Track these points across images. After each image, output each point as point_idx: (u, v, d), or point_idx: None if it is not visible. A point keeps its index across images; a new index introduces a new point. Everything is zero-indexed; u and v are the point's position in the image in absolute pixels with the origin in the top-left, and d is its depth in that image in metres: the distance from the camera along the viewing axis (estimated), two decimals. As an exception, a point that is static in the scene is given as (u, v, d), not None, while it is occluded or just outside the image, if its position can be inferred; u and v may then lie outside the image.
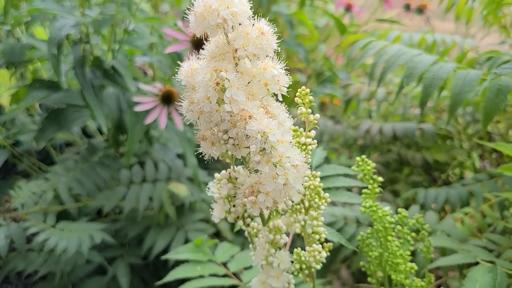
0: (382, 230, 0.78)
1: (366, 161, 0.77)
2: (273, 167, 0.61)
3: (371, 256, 0.81)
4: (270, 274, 0.71)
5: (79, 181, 1.58)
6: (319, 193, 0.66)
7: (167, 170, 1.64)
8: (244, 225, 0.70)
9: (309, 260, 0.69)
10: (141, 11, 1.54)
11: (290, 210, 0.68)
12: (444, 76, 1.01)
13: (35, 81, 1.56)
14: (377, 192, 0.79)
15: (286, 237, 0.71)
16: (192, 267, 1.06)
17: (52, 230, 1.49)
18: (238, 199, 0.69)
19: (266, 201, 0.63)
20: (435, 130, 1.48)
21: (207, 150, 0.66)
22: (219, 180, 0.70)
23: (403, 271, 0.77)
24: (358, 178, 0.79)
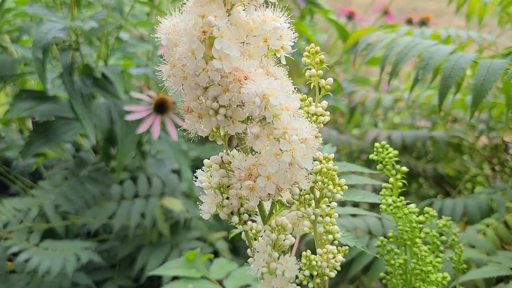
0: (409, 231, 0.63)
1: (387, 147, 0.63)
2: (276, 143, 0.47)
3: (394, 264, 0.65)
4: (272, 284, 0.55)
5: (67, 197, 1.43)
6: (334, 179, 0.51)
7: (161, 185, 1.49)
8: (240, 223, 0.55)
9: (321, 265, 0.53)
10: (133, 16, 1.42)
11: (298, 201, 0.52)
12: (464, 66, 0.87)
13: (22, 91, 1.42)
14: (400, 186, 0.63)
15: (292, 238, 0.56)
16: (183, 284, 0.90)
17: (35, 249, 1.33)
18: (233, 188, 0.54)
19: (267, 186, 0.48)
20: (447, 139, 1.33)
21: (193, 125, 0.51)
22: (209, 167, 0.55)
23: (434, 282, 0.61)
24: (378, 169, 0.64)
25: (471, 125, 1.46)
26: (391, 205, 0.62)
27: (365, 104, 1.39)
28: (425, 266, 0.61)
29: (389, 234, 0.67)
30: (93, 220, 1.41)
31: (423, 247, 0.63)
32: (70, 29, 1.33)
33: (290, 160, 0.46)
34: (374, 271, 0.97)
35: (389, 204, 0.63)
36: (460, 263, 0.70)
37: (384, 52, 0.96)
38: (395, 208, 0.62)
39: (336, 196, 0.51)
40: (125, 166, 1.57)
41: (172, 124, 1.38)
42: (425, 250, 0.63)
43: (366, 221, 1.02)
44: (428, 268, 0.61)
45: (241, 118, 0.50)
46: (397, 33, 1.01)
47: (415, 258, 0.63)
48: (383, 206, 0.64)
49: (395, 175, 0.62)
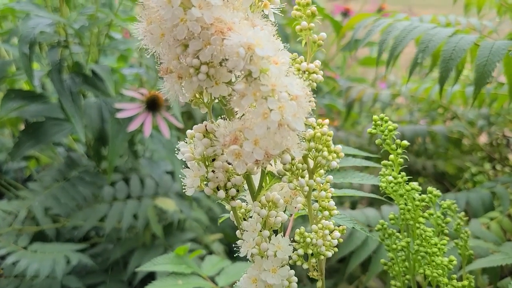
0: (411, 210, 0.57)
1: (386, 119, 0.57)
2: (263, 102, 0.41)
3: (396, 249, 0.60)
4: (264, 267, 0.50)
5: (57, 198, 1.37)
6: (329, 145, 0.45)
7: (154, 185, 1.43)
8: (227, 199, 0.49)
9: (317, 243, 0.48)
10: (123, 12, 1.37)
11: (289, 171, 0.47)
12: (466, 47, 0.83)
13: (10, 91, 1.37)
14: (401, 163, 0.58)
15: (285, 215, 0.50)
16: (173, 280, 0.84)
17: (24, 252, 1.27)
18: (218, 160, 0.48)
19: (255, 152, 0.42)
20: (447, 133, 1.28)
21: (173, 89, 0.46)
22: (192, 137, 0.49)
23: (440, 265, 0.56)
24: (377, 144, 0.58)
25: (471, 121, 1.41)
26: (392, 182, 0.57)
27: (362, 99, 1.33)
28: (430, 248, 0.56)
29: (390, 215, 0.61)
30: (84, 223, 1.35)
31: (427, 228, 0.57)
32: (58, 25, 1.29)
33: (279, 119, 0.40)
34: (374, 266, 0.91)
35: (389, 181, 0.57)
36: (466, 249, 0.64)
37: (382, 37, 0.91)
38: (396, 184, 0.56)
39: (332, 163, 0.45)
40: (118, 168, 1.52)
41: (164, 122, 1.32)
42: (429, 231, 0.57)
43: (365, 213, 0.96)
44: (433, 250, 0.55)
45: (226, 79, 0.44)
46: (395, 19, 0.97)
47: (419, 240, 0.57)
48: (383, 184, 0.58)
49: (395, 150, 0.57)
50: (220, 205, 1.62)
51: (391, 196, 0.60)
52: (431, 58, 0.96)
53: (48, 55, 1.32)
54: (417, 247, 0.57)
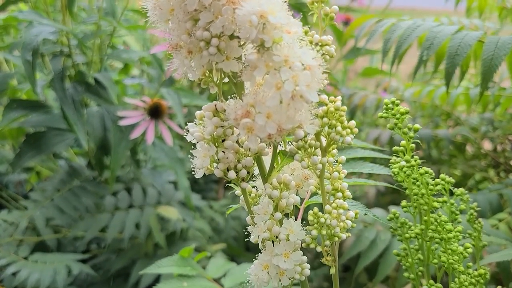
0: (425, 195, 0.56)
1: (397, 103, 0.56)
2: (276, 73, 0.40)
3: (409, 237, 0.58)
4: (276, 251, 0.48)
5: (59, 208, 1.35)
6: (342, 120, 0.44)
7: (157, 194, 1.41)
8: (238, 180, 0.48)
9: (331, 223, 0.46)
10: (126, 21, 1.37)
11: (302, 149, 0.45)
12: (471, 43, 0.82)
13: (12, 101, 1.36)
14: (413, 148, 0.57)
15: (297, 197, 0.49)
16: (178, 283, 0.82)
17: (24, 262, 1.24)
18: (229, 139, 0.47)
19: (268, 125, 0.41)
20: (451, 138, 1.27)
21: (182, 64, 0.45)
22: (201, 118, 0.48)
23: (456, 252, 0.54)
24: (389, 128, 0.57)
25: (474, 127, 1.40)
26: (404, 167, 0.55)
27: (365, 105, 1.33)
28: (445, 233, 0.54)
29: (403, 203, 0.60)
30: (86, 233, 1.33)
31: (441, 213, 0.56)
32: (61, 33, 1.29)
33: (293, 89, 0.39)
34: (382, 267, 0.89)
35: (401, 166, 0.56)
36: (480, 240, 0.62)
37: (386, 36, 0.91)
38: (409, 168, 0.55)
39: (346, 139, 0.44)
40: (120, 178, 1.50)
41: (167, 129, 1.31)
42: (444, 216, 0.55)
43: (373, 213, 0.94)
44: (449, 235, 0.54)
45: (236, 54, 0.43)
46: (399, 18, 0.96)
47: (434, 225, 0.55)
48: (395, 170, 0.57)
49: (407, 135, 0.56)
50: (222, 215, 1.60)
51: (402, 184, 0.59)
52: (435, 58, 0.96)
53: (51, 64, 1.31)
54: (432, 233, 0.55)
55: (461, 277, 0.54)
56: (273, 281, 0.49)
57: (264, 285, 0.50)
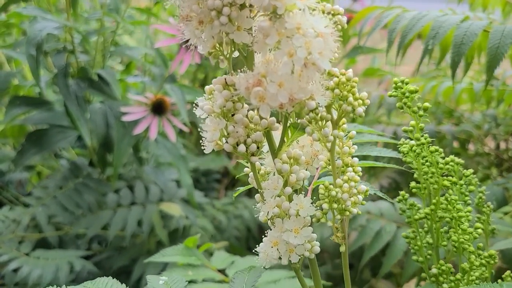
0: (435, 174, 0.55)
1: (407, 81, 0.56)
2: (288, 41, 0.40)
3: (418, 218, 0.57)
4: (285, 227, 0.47)
5: (61, 205, 1.34)
6: (354, 91, 0.44)
7: (159, 192, 1.40)
8: (247, 155, 0.47)
9: (342, 197, 0.46)
10: (130, 17, 1.37)
11: (313, 120, 0.45)
12: (477, 31, 0.82)
13: (15, 98, 1.36)
14: (423, 127, 0.56)
15: (307, 172, 0.48)
16: (182, 271, 0.81)
17: (26, 258, 1.24)
18: (239, 113, 0.46)
19: (279, 94, 0.41)
20: (455, 134, 1.27)
21: (193, 35, 0.44)
22: (210, 92, 0.48)
23: (466, 231, 0.53)
24: (398, 107, 0.57)
25: (477, 125, 1.40)
26: (414, 146, 0.55)
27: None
28: (456, 212, 0.54)
29: (412, 184, 0.59)
30: (88, 230, 1.32)
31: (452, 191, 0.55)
32: (65, 29, 1.29)
33: (305, 56, 0.39)
34: (388, 258, 0.89)
35: (411, 145, 0.56)
36: (488, 223, 0.62)
37: (390, 26, 0.91)
38: (419, 146, 0.54)
39: (358, 110, 0.44)
40: (122, 175, 1.50)
41: (170, 126, 1.31)
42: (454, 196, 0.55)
43: (378, 205, 0.94)
44: (460, 214, 0.53)
45: (247, 24, 0.43)
46: (403, 9, 0.96)
47: (444, 204, 0.55)
48: (404, 150, 0.56)
49: (416, 113, 0.55)
50: (224, 213, 1.59)
51: (411, 166, 0.58)
52: (440, 49, 0.96)
53: (54, 60, 1.31)
54: (442, 212, 0.55)
55: (471, 257, 0.54)
56: (283, 258, 0.49)
57: (273, 262, 0.49)
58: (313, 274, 0.55)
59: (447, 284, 0.57)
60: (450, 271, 0.56)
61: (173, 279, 0.56)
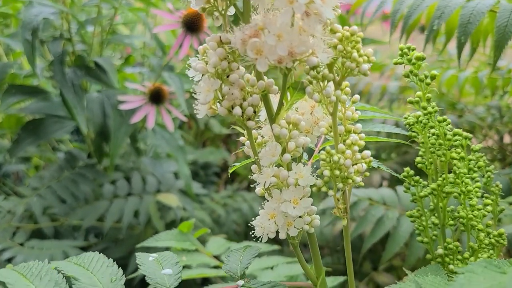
0: (443, 145, 0.51)
1: (413, 48, 0.52)
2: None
3: (424, 195, 0.54)
4: (284, 197, 0.44)
5: (56, 195, 1.31)
6: (359, 48, 0.40)
7: (157, 182, 1.37)
8: (243, 119, 0.44)
9: (345, 163, 0.42)
10: (129, 5, 1.34)
11: (315, 79, 0.41)
12: (484, 10, 0.79)
13: (11, 86, 1.33)
14: (430, 98, 0.53)
15: (308, 138, 0.45)
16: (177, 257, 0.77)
17: (20, 248, 1.20)
18: (234, 73, 0.43)
19: (278, 46, 0.38)
20: (459, 124, 1.24)
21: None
22: (204, 52, 0.44)
23: (475, 207, 0.50)
24: (404, 76, 0.53)
25: (481, 117, 1.36)
26: (420, 116, 0.52)
27: (370, 91, 1.29)
28: (464, 186, 0.50)
29: (417, 159, 0.56)
30: (83, 221, 1.28)
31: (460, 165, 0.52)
32: (62, 16, 1.26)
33: (307, 1, 0.36)
34: (390, 246, 0.85)
35: (417, 116, 0.52)
36: (497, 204, 0.58)
37: (395, 7, 0.87)
38: (427, 115, 0.51)
39: (363, 66, 0.40)
40: (120, 166, 1.46)
41: (168, 115, 1.28)
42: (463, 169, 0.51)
43: (380, 192, 0.90)
44: (469, 188, 0.50)
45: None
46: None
47: (452, 178, 0.51)
48: (410, 120, 0.53)
49: (424, 81, 0.52)
50: (223, 207, 1.55)
51: (417, 140, 0.55)
52: (445, 31, 0.92)
53: (50, 47, 1.28)
54: (450, 186, 0.51)
55: (480, 235, 0.50)
56: (281, 231, 0.46)
57: (270, 235, 0.46)
58: (313, 253, 0.51)
59: (454, 265, 0.53)
60: (457, 250, 0.52)
61: (164, 257, 0.52)
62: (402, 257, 1.23)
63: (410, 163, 0.64)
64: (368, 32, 1.76)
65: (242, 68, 0.44)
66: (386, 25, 1.97)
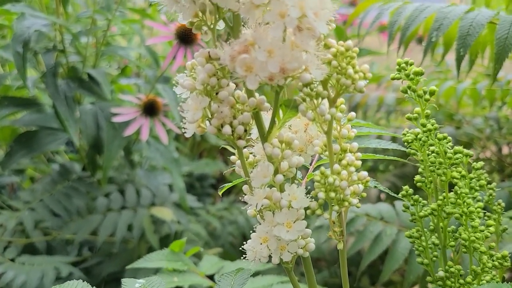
0: (443, 164, 0.49)
1: (411, 62, 0.50)
2: (279, 2, 0.34)
3: (424, 215, 0.51)
4: (277, 220, 0.41)
5: (49, 209, 1.28)
6: (354, 64, 0.38)
7: (151, 195, 1.34)
8: (233, 139, 0.41)
9: (341, 184, 0.40)
10: (122, 14, 1.32)
11: (308, 97, 0.39)
12: (484, 22, 0.77)
13: (3, 98, 1.30)
14: (429, 114, 0.50)
15: (301, 158, 0.42)
16: (168, 277, 0.75)
17: (11, 263, 1.17)
18: (223, 90, 0.41)
19: (269, 62, 0.35)
20: (457, 136, 1.21)
21: (172, 2, 0.39)
22: (192, 68, 0.42)
23: (477, 229, 0.47)
24: (401, 91, 0.51)
25: (479, 128, 1.34)
26: (419, 133, 0.49)
27: (367, 103, 1.27)
28: (466, 207, 0.48)
29: (417, 178, 0.53)
30: (76, 235, 1.25)
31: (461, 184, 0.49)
32: (55, 27, 1.24)
33: (299, 15, 0.33)
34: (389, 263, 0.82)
35: (416, 133, 0.50)
36: (499, 223, 0.56)
37: (392, 18, 0.85)
38: (426, 132, 0.48)
39: (359, 83, 0.38)
40: (114, 179, 1.44)
41: (162, 127, 1.25)
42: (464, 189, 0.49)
43: (378, 207, 0.88)
44: (471, 209, 0.47)
45: (232, -13, 0.37)
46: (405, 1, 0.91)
47: (453, 199, 0.49)
48: (409, 138, 0.50)
49: (423, 97, 0.49)
50: (219, 219, 1.52)
51: (416, 157, 0.52)
52: (443, 43, 0.91)
53: (43, 59, 1.26)
54: (451, 207, 0.49)
55: (483, 257, 0.48)
56: (273, 256, 0.43)
57: (262, 260, 0.43)
58: (308, 277, 0.48)
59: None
60: (459, 273, 0.50)
61: (151, 283, 0.50)
62: (401, 272, 1.20)
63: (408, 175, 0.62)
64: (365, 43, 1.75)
65: (232, 84, 0.42)
66: (384, 36, 1.95)
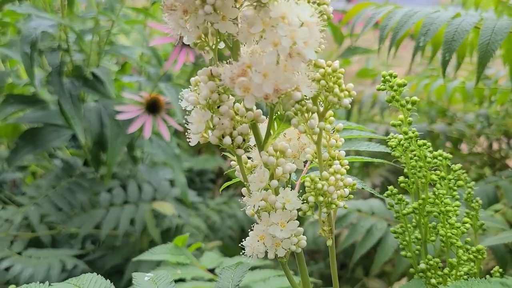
0: (423, 168, 0.54)
1: (395, 75, 0.55)
2: (273, 30, 0.39)
3: (407, 213, 0.57)
4: (272, 220, 0.47)
5: (53, 204, 1.33)
6: (340, 83, 0.43)
7: (152, 191, 1.39)
8: (233, 147, 0.47)
9: (328, 190, 0.45)
10: (125, 17, 1.37)
11: (299, 112, 0.44)
12: (468, 28, 0.82)
13: (9, 96, 1.35)
14: (411, 121, 0.56)
15: (293, 165, 0.47)
16: (172, 270, 0.80)
17: (18, 257, 1.22)
18: (224, 104, 0.46)
19: (264, 84, 0.40)
20: (447, 133, 1.26)
21: (177, 25, 0.44)
22: (196, 84, 0.47)
23: (454, 226, 0.53)
24: (386, 101, 0.56)
25: (470, 124, 1.40)
26: (402, 140, 0.54)
27: (361, 100, 1.32)
28: (444, 206, 0.53)
29: (400, 179, 0.58)
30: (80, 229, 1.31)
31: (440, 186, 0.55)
32: (59, 27, 1.28)
33: (290, 44, 0.38)
34: (379, 255, 0.88)
35: (399, 139, 0.55)
36: (477, 219, 0.61)
37: (383, 23, 0.90)
38: (407, 140, 0.54)
39: (344, 101, 0.43)
40: (115, 174, 1.49)
41: (164, 125, 1.30)
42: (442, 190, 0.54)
43: (369, 203, 0.93)
44: (448, 208, 0.53)
45: (232, 14, 0.42)
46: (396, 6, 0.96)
47: (431, 199, 0.54)
48: (392, 144, 0.55)
49: (404, 106, 0.55)
50: (219, 213, 1.58)
51: (399, 160, 0.58)
52: (431, 46, 0.96)
53: (48, 58, 1.30)
54: (430, 206, 0.54)
55: (459, 251, 0.53)
56: (269, 252, 0.48)
57: (259, 255, 0.48)
58: (301, 270, 0.54)
59: (435, 279, 0.56)
60: (438, 266, 0.55)
61: (159, 276, 0.55)
62: (393, 263, 1.26)
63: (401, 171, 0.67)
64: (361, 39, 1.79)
65: (232, 97, 0.47)
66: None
